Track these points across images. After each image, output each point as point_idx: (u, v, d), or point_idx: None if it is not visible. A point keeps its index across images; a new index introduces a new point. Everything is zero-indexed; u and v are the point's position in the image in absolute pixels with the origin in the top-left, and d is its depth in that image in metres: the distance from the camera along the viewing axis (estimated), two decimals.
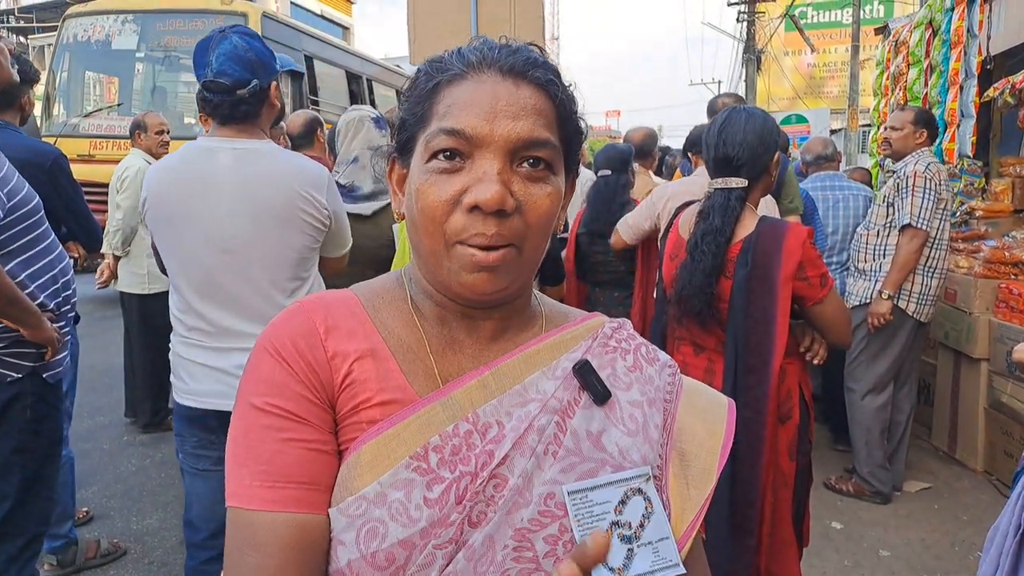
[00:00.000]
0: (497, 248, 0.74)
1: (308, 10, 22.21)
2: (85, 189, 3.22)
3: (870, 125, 9.06)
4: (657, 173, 5.36)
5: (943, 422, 4.51)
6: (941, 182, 3.64)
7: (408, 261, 0.88)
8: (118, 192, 4.37)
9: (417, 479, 0.72)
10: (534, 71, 0.77)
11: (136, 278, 4.45)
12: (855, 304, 3.83)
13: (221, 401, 2.05)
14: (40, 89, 6.78)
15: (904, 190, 3.66)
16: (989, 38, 5.46)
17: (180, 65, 8.56)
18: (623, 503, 0.76)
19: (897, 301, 3.71)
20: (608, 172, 3.71)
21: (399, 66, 12.56)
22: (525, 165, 0.76)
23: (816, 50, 22.25)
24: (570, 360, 0.82)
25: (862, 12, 17.98)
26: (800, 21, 20.89)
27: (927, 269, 3.70)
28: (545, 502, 0.74)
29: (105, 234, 4.27)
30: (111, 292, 4.93)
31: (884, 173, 6.27)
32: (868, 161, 8.71)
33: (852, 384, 3.94)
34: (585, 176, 4.76)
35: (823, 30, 23.37)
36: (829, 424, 4.57)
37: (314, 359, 0.77)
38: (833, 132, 18.51)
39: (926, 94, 6.44)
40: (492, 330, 0.83)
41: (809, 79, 24.02)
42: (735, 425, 0.90)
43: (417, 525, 0.71)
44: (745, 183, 2.19)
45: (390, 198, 0.98)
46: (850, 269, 4.09)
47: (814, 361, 2.23)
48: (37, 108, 7.69)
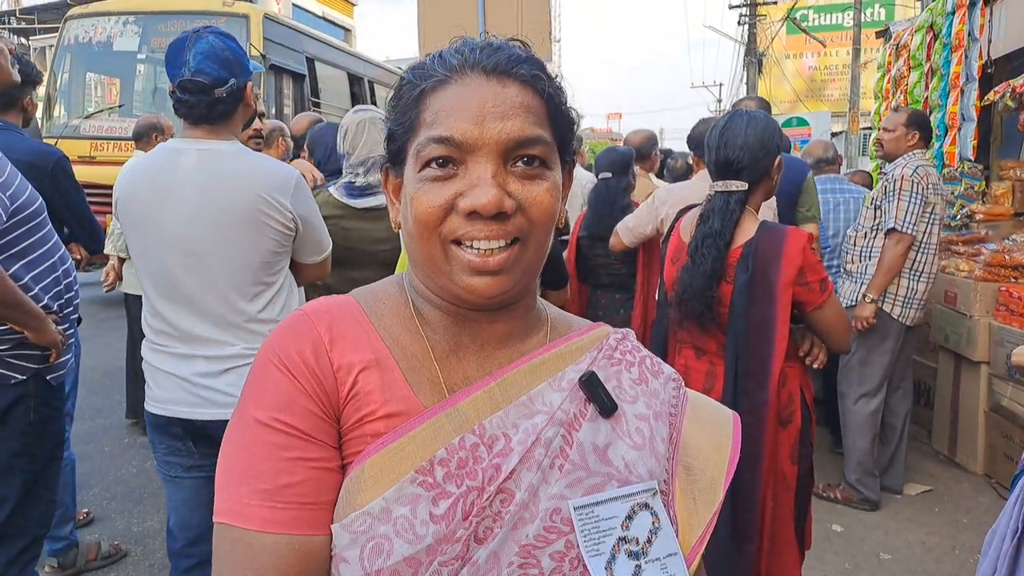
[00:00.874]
0: (500, 249, 0.73)
1: (310, 12, 22.18)
2: (86, 191, 3.23)
3: (871, 128, 9.07)
4: (658, 176, 5.37)
5: (943, 425, 4.51)
6: (929, 185, 3.60)
7: (408, 267, 0.87)
8: None
9: (423, 494, 0.70)
10: (518, 68, 0.76)
11: (139, 279, 4.45)
12: (844, 306, 3.82)
13: (184, 409, 2.04)
14: (41, 90, 6.77)
15: (891, 193, 3.64)
16: (990, 42, 5.46)
17: None
18: (630, 518, 0.75)
19: (882, 304, 3.69)
20: (609, 175, 3.71)
21: (401, 68, 12.55)
22: (520, 164, 0.75)
23: (825, 45, 22.17)
24: (576, 371, 0.80)
25: (863, 15, 18.01)
26: (801, 24, 20.91)
27: (913, 273, 3.68)
28: (551, 518, 0.72)
29: (109, 236, 4.27)
30: (113, 294, 4.92)
31: (882, 175, 6.27)
32: (869, 164, 8.72)
33: (844, 389, 3.92)
34: (586, 178, 4.77)
35: (824, 33, 23.39)
36: (830, 427, 4.57)
37: (320, 371, 0.75)
38: (834, 135, 18.52)
39: (927, 97, 6.44)
40: (497, 334, 0.82)
41: (810, 82, 24.03)
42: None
43: (423, 542, 0.68)
44: (745, 186, 2.19)
45: None
46: (840, 271, 4.10)
47: (814, 365, 2.24)
48: (38, 110, 7.67)
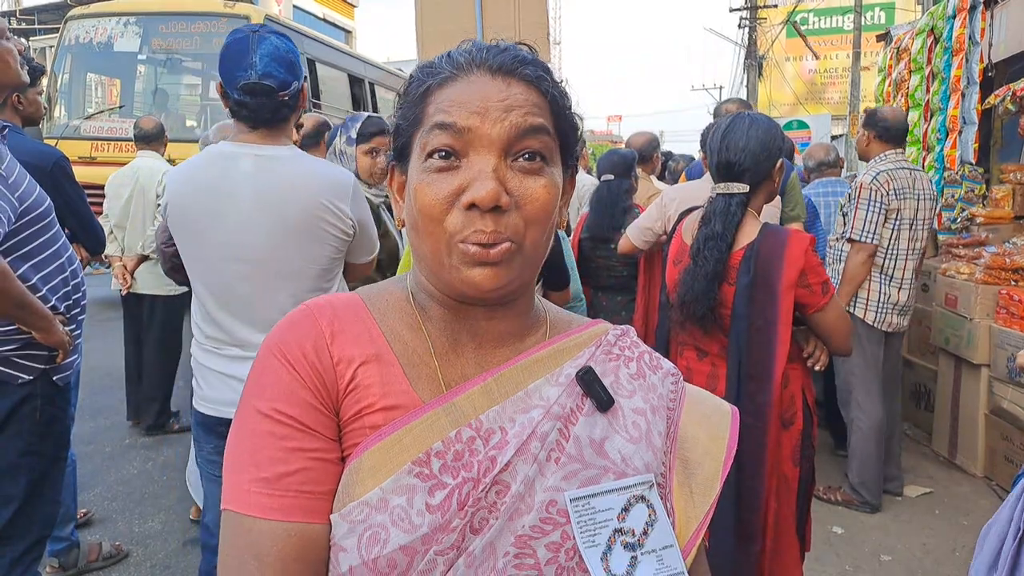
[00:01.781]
0: (497, 244, 0.74)
1: (310, 13, 22.19)
2: (86, 191, 3.23)
3: None
4: (660, 178, 5.38)
5: (944, 427, 4.51)
6: (890, 192, 3.58)
7: (411, 267, 0.88)
8: (159, 196, 4.41)
9: (419, 485, 0.72)
10: (523, 68, 0.77)
11: (162, 280, 4.42)
12: None
13: (233, 409, 2.04)
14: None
15: (852, 201, 3.66)
16: (991, 45, 5.48)
17: (182, 68, 8.56)
18: (626, 510, 0.75)
19: (854, 310, 3.69)
20: (611, 177, 3.71)
21: (401, 69, 12.57)
22: (520, 159, 0.76)
23: (819, 57, 22.32)
24: (573, 367, 0.81)
25: (863, 19, 18.04)
26: (801, 27, 20.94)
27: (885, 278, 3.67)
28: (547, 509, 0.74)
29: (129, 235, 4.37)
30: (113, 294, 4.93)
31: None
32: None
33: (845, 396, 3.93)
34: (587, 181, 4.78)
35: (824, 36, 23.44)
36: (830, 429, 4.57)
37: (320, 364, 0.77)
38: (834, 138, 18.56)
39: (928, 101, 6.45)
40: (496, 332, 0.83)
41: (810, 85, 24.07)
42: (739, 432, 0.90)
43: (419, 531, 0.70)
44: (747, 189, 2.20)
45: None
46: None
47: (816, 367, 2.24)
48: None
